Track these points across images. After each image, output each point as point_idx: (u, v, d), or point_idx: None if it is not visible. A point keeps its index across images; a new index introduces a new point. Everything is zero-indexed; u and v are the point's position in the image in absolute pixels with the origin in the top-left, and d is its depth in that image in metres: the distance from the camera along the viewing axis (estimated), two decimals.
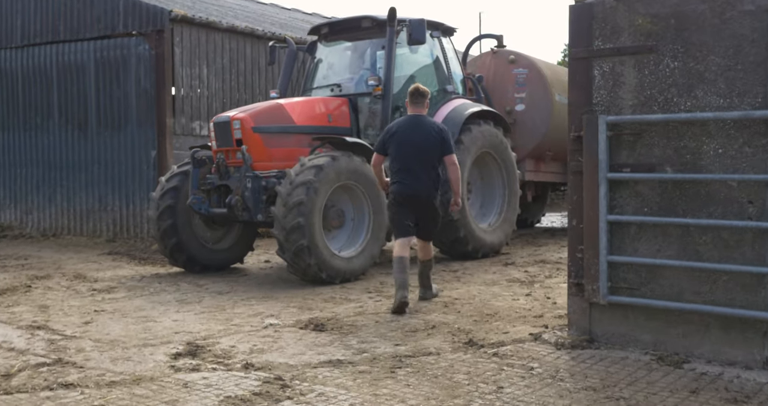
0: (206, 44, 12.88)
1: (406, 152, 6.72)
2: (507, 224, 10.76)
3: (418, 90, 6.87)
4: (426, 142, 6.72)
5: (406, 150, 6.71)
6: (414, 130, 6.75)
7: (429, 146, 6.73)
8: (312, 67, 10.62)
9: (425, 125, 6.81)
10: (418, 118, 6.83)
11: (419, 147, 6.71)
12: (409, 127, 6.77)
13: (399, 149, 6.74)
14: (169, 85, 12.39)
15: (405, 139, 6.73)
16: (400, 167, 6.76)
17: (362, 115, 9.81)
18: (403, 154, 6.74)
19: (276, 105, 9.01)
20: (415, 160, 6.72)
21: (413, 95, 6.87)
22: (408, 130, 6.76)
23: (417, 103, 6.89)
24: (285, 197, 7.96)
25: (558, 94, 12.97)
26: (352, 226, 8.69)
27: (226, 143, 8.76)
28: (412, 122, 6.80)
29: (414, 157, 6.72)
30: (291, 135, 8.96)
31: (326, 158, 8.20)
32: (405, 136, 6.73)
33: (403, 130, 6.77)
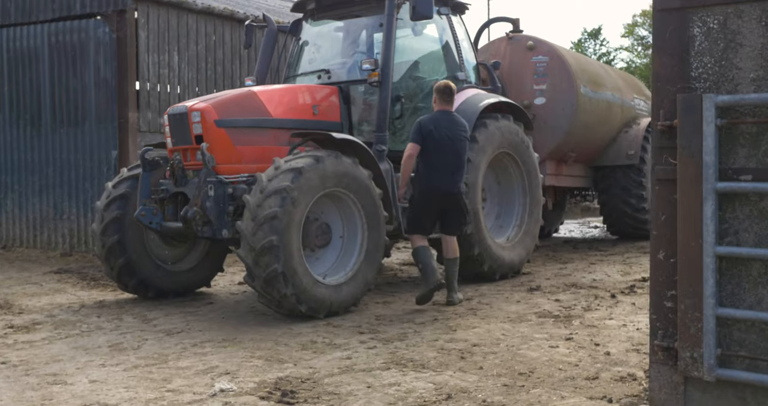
0: (177, 28, 11.13)
1: (444, 152, 6.93)
2: (528, 238, 9.02)
3: (449, 87, 7.09)
4: (460, 141, 7.04)
5: (444, 150, 6.93)
6: (450, 128, 6.99)
7: (463, 144, 7.07)
8: (296, 50, 8.88)
9: (458, 123, 7.10)
10: (450, 115, 7.10)
11: (455, 145, 6.98)
12: (445, 126, 6.97)
13: (438, 148, 6.91)
14: (132, 75, 10.64)
15: (442, 137, 6.92)
16: (437, 165, 6.94)
17: (355, 107, 8.08)
18: (442, 153, 6.92)
19: (248, 93, 7.25)
20: (452, 158, 6.98)
21: (444, 93, 7.07)
22: (445, 129, 6.95)
23: (448, 101, 7.10)
24: (254, 209, 6.23)
25: (583, 85, 11.25)
26: (341, 245, 6.94)
27: (183, 141, 7.02)
28: (447, 119, 7.04)
29: (451, 156, 6.97)
30: (266, 130, 7.21)
31: (308, 159, 6.46)
32: (442, 134, 6.92)
33: (439, 128, 6.93)
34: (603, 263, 10.01)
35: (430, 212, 7.07)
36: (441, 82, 7.16)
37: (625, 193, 12.23)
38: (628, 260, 10.20)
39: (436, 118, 7.01)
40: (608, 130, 12.16)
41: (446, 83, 7.12)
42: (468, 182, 8.07)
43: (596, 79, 11.75)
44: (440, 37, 8.75)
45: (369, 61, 7.67)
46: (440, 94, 7.07)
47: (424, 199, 7.05)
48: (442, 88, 7.08)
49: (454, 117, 7.11)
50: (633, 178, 12.20)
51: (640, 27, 48.61)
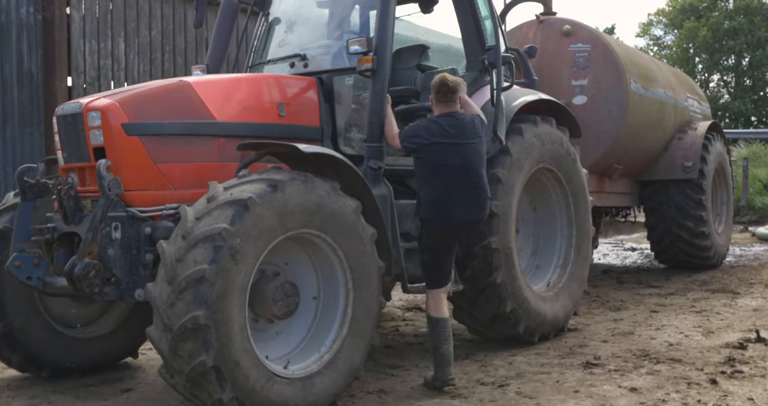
0: (124, 9, 8.87)
1: (453, 170, 5.01)
2: (575, 284, 6.72)
3: (446, 83, 5.10)
4: (474, 148, 5.08)
5: (452, 167, 5.00)
6: (457, 136, 5.04)
7: (478, 151, 5.13)
8: (263, 30, 6.58)
9: (466, 126, 5.09)
10: (454, 119, 5.11)
11: (467, 158, 5.04)
12: (451, 134, 5.03)
13: (442, 167, 5.00)
14: (63, 67, 8.36)
15: (447, 151, 4.99)
16: (447, 189, 5.01)
17: (341, 105, 5.77)
18: (450, 174, 5.01)
19: (178, 85, 4.92)
20: (466, 176, 5.04)
21: (440, 90, 5.12)
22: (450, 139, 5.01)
23: (447, 101, 5.14)
24: (172, 265, 3.94)
25: (634, 80, 8.96)
26: (315, 310, 4.65)
27: (77, 155, 4.73)
28: (450, 125, 5.06)
29: (464, 173, 5.03)
30: (205, 140, 4.88)
31: (259, 186, 4.17)
32: (446, 147, 4.99)
33: (441, 138, 5.01)
34: (667, 309, 7.69)
35: (451, 248, 5.18)
36: (436, 78, 5.20)
37: (680, 215, 9.93)
38: (697, 305, 7.89)
39: (434, 125, 5.08)
40: (660, 136, 9.87)
41: (442, 78, 5.16)
42: (497, 211, 5.80)
43: (648, 74, 9.47)
44: (459, 14, 6.46)
45: (359, 41, 5.36)
46: (437, 94, 5.15)
47: (440, 239, 5.08)
48: (437, 85, 5.13)
49: (459, 120, 5.12)
50: (690, 196, 9.90)
51: (655, 26, 46.42)
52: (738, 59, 41.31)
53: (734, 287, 9.04)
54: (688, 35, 40.52)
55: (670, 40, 44.93)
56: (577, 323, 7.00)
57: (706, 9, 40.80)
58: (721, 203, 11.16)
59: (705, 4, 40.94)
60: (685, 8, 41.59)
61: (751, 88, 40.79)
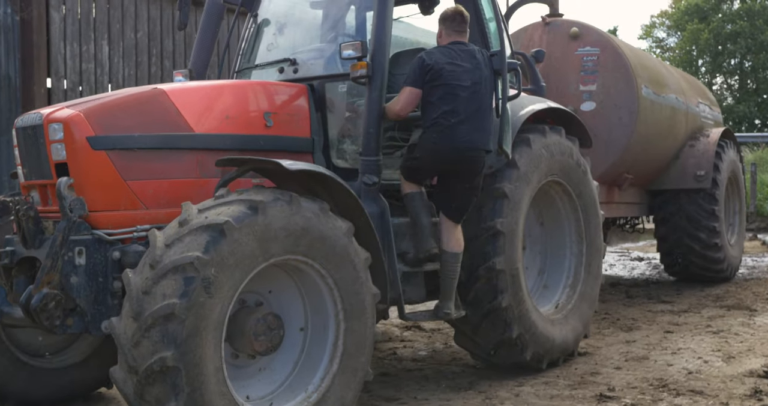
0: (108, 10, 8.41)
1: (465, 94, 4.94)
2: (585, 304, 6.27)
3: (460, 12, 5.13)
4: (485, 80, 5.07)
5: (464, 91, 4.94)
6: (470, 61, 5.04)
7: (488, 86, 5.11)
8: (251, 32, 6.13)
9: (477, 56, 5.10)
10: (466, 47, 5.15)
11: (478, 87, 5.00)
12: (463, 59, 5.03)
13: (455, 90, 4.92)
14: (42, 71, 7.91)
15: (460, 74, 4.95)
16: (459, 112, 4.92)
17: (333, 114, 5.32)
18: (461, 97, 4.93)
19: (150, 93, 4.45)
20: (476, 104, 4.99)
21: (454, 20, 5.14)
22: (462, 62, 5.01)
23: (459, 30, 5.18)
24: (138, 299, 3.49)
25: (645, 85, 8.51)
26: (302, 343, 4.19)
27: (37, 172, 4.28)
28: (462, 51, 5.09)
29: (475, 101, 4.98)
30: (182, 154, 4.42)
31: (237, 207, 3.71)
32: (459, 71, 4.96)
33: (453, 63, 4.98)
34: (681, 329, 7.24)
35: (434, 171, 5.14)
36: (450, 8, 5.25)
37: (692, 225, 9.47)
38: (713, 324, 7.44)
39: (446, 51, 5.06)
40: (671, 144, 9.42)
41: (457, 8, 5.25)
42: (503, 229, 5.35)
43: (659, 79, 9.02)
44: None
45: (352, 45, 4.90)
46: (448, 22, 5.16)
47: (437, 158, 4.98)
48: (451, 15, 5.18)
49: (471, 49, 5.14)
50: (703, 206, 9.44)
51: (658, 28, 45.97)
52: (741, 62, 40.86)
53: (750, 302, 8.58)
54: (691, 37, 40.06)
55: (673, 42, 44.48)
56: (588, 345, 6.54)
57: (710, 10, 40.35)
58: (734, 212, 10.70)
59: (709, 6, 40.48)
60: (689, 10, 41.12)
61: (755, 90, 40.32)
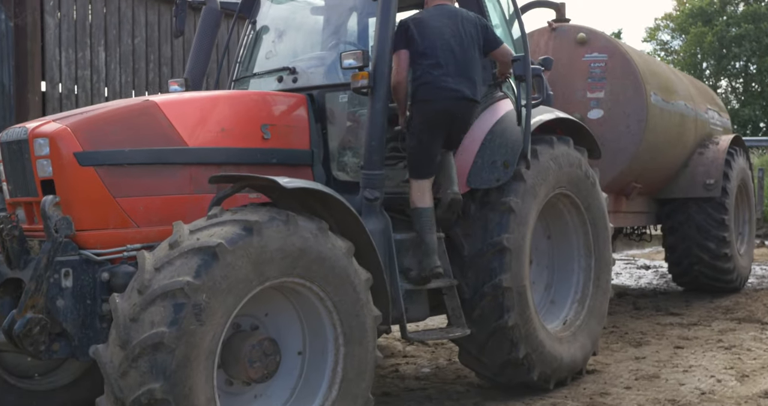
0: (104, 15, 8.23)
1: (447, 46, 4.88)
2: (594, 320, 6.06)
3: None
4: (469, 37, 4.97)
5: (447, 43, 4.88)
6: (451, 18, 4.99)
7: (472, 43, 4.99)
8: (249, 39, 5.94)
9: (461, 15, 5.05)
10: (449, 8, 5.10)
11: (461, 40, 4.93)
12: (443, 15, 4.98)
13: (435, 42, 4.86)
14: (36, 77, 7.73)
15: (439, 28, 4.89)
16: (442, 63, 4.85)
17: (334, 125, 5.13)
18: (444, 49, 4.87)
19: (141, 106, 4.26)
20: (460, 55, 4.91)
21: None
22: (442, 18, 4.96)
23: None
24: (125, 326, 3.30)
25: (654, 93, 8.30)
26: (300, 367, 4.00)
27: (23, 189, 4.09)
28: (444, 11, 5.04)
29: (458, 53, 4.90)
30: (175, 169, 4.23)
31: (231, 228, 3.52)
32: (437, 25, 4.90)
33: (433, 19, 4.95)
34: (692, 344, 7.03)
35: (440, 138, 4.94)
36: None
37: (701, 235, 9.25)
38: (725, 338, 7.23)
39: (427, 12, 5.10)
40: (680, 151, 9.21)
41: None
42: (509, 245, 5.15)
43: (668, 85, 8.82)
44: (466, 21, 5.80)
45: (353, 54, 4.71)
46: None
47: (431, 120, 4.86)
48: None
49: (454, 8, 5.14)
50: (712, 215, 9.23)
51: (662, 31, 45.77)
52: (746, 65, 40.64)
53: (761, 315, 8.37)
54: (695, 40, 39.85)
55: (677, 45, 44.26)
56: (596, 362, 6.34)
57: (714, 13, 40.12)
58: (744, 221, 10.50)
59: (714, 8, 40.25)
60: (694, 13, 40.90)
61: (760, 94, 40.09)
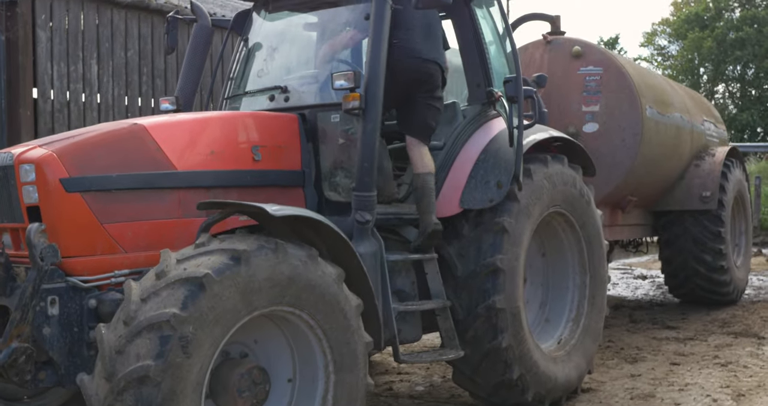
0: (97, 27, 8.19)
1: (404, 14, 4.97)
2: (589, 339, 6.02)
3: None
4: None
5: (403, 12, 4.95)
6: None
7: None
8: (241, 56, 5.89)
9: None
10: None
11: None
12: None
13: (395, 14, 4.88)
14: (28, 92, 7.69)
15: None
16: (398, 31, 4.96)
17: (326, 144, 5.06)
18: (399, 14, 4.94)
19: (129, 130, 4.21)
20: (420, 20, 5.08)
21: None
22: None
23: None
24: (110, 358, 3.26)
25: (649, 106, 8.27)
26: (290, 396, 3.94)
27: (8, 215, 4.04)
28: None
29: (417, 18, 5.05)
30: (163, 194, 4.18)
31: (219, 258, 3.47)
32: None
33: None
34: (688, 361, 6.98)
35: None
36: None
37: (697, 248, 9.21)
38: (721, 354, 7.18)
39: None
40: (676, 164, 9.17)
41: None
42: (503, 266, 5.11)
43: (663, 98, 8.77)
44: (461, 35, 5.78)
45: (345, 76, 4.67)
46: None
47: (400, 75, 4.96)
48: None
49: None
50: (708, 228, 9.19)
51: (659, 36, 45.83)
52: (743, 70, 40.67)
53: (758, 329, 8.33)
54: (693, 46, 39.88)
55: (675, 50, 44.31)
56: (591, 380, 6.29)
57: (711, 19, 40.17)
58: (740, 233, 10.45)
59: (710, 14, 40.30)
60: (690, 18, 40.96)
61: (758, 99, 40.11)
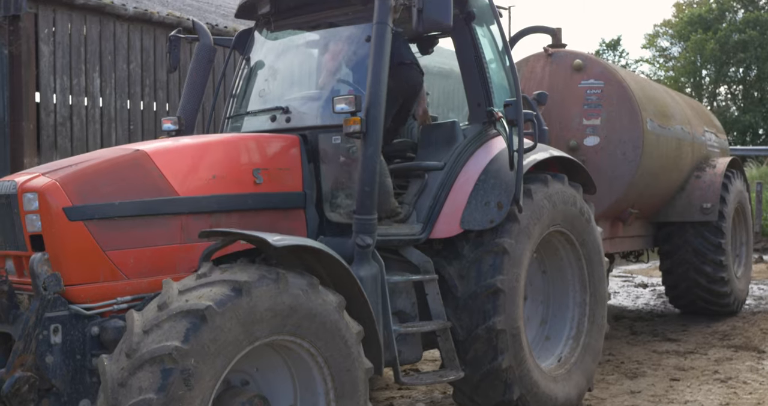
0: (99, 41, 8.22)
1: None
2: (589, 357, 6.04)
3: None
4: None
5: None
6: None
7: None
8: (243, 75, 5.92)
9: None
10: None
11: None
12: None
13: None
14: (30, 106, 7.72)
15: None
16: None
17: (327, 165, 5.07)
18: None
19: (132, 157, 4.23)
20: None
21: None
22: None
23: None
24: (112, 391, 3.28)
25: (650, 119, 8.30)
26: None
27: (11, 243, 4.07)
28: None
29: None
30: (166, 220, 4.21)
31: (220, 289, 3.50)
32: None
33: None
34: (688, 376, 7.01)
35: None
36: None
37: (698, 259, 9.24)
38: (721, 369, 7.20)
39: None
40: (677, 176, 9.19)
41: None
42: (503, 287, 5.13)
43: (664, 110, 8.80)
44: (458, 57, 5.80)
45: (345, 99, 4.68)
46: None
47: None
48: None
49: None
50: (709, 239, 9.21)
51: (661, 37, 45.83)
52: (746, 71, 40.66)
53: (758, 342, 8.35)
54: (695, 47, 39.86)
55: (677, 51, 44.30)
56: (591, 397, 6.32)
57: (714, 20, 40.14)
58: (741, 243, 10.47)
59: (713, 16, 40.27)
60: (693, 20, 40.93)
61: (760, 101, 40.10)
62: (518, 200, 5.09)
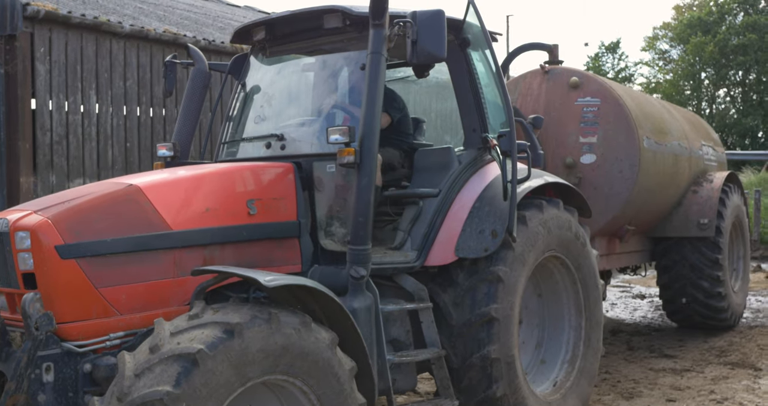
0: (96, 58, 8.21)
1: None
2: (585, 380, 6.04)
3: None
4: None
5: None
6: None
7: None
8: (239, 99, 5.92)
9: None
10: None
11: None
12: None
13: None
14: (27, 124, 7.72)
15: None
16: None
17: (322, 193, 5.06)
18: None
19: (125, 193, 4.23)
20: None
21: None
22: None
23: None
24: None
25: (646, 136, 8.29)
26: None
27: (4, 279, 4.07)
28: None
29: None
30: (158, 255, 4.21)
31: (212, 331, 3.49)
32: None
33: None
34: (684, 396, 6.99)
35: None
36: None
37: (695, 274, 9.23)
38: (717, 389, 7.19)
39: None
40: (674, 191, 9.18)
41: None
42: (497, 315, 5.13)
43: (661, 127, 8.79)
44: (453, 81, 5.79)
45: (339, 130, 4.68)
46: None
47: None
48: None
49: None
50: (706, 255, 9.20)
51: (661, 40, 45.85)
52: (745, 75, 40.69)
53: (755, 359, 8.34)
54: (695, 50, 39.89)
55: (676, 54, 44.32)
56: None
57: (713, 23, 40.16)
58: (738, 257, 10.46)
59: (712, 19, 40.29)
60: (692, 23, 40.96)
61: (760, 104, 40.11)
62: (512, 231, 5.08)
